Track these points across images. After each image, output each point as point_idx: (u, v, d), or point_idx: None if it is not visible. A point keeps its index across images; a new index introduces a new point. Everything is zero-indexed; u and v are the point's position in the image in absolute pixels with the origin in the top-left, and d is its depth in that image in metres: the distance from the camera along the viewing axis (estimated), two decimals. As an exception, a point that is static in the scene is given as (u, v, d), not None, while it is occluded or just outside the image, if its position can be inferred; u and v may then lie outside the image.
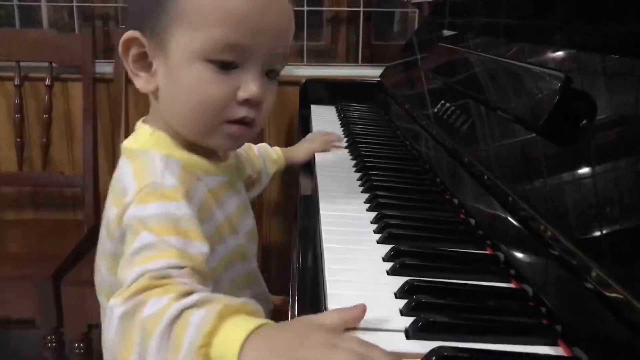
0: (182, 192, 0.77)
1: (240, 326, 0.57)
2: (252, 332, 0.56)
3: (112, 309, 0.63)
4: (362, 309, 0.64)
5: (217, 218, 0.88)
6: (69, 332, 1.80)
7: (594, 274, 0.64)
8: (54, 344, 1.81)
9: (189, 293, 0.62)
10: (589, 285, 0.65)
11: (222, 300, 0.60)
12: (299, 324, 0.60)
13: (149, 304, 0.61)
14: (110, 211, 0.80)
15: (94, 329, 1.79)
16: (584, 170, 0.76)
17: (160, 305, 0.60)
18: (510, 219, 0.86)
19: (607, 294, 0.61)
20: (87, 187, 2.14)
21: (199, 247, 0.72)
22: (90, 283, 1.79)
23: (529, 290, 0.76)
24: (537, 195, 0.83)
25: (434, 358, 0.59)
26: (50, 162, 2.23)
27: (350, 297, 0.73)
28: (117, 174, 0.84)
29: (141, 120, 0.91)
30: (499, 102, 1.04)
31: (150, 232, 0.70)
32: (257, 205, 2.23)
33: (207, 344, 0.56)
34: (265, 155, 1.29)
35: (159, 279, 0.64)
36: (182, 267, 0.67)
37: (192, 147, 0.86)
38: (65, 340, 1.83)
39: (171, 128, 0.85)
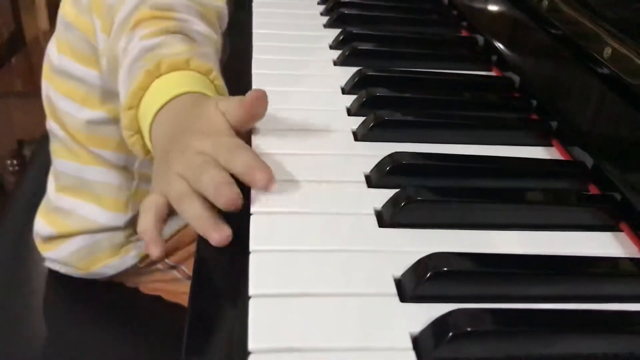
0: None
1: (163, 91, 0.50)
2: (166, 103, 0.49)
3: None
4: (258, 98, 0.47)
5: None
6: (-1, 149, 1.64)
7: (608, 50, 0.47)
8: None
9: (161, 33, 0.53)
10: (599, 68, 0.48)
11: (168, 53, 0.51)
12: (200, 118, 0.48)
13: (135, 37, 0.54)
14: None
15: (26, 144, 1.63)
16: None
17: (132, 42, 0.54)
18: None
19: (625, 77, 0.45)
20: (2, -15, 1.83)
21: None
22: (15, 95, 1.63)
23: (515, 79, 0.59)
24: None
25: (388, 167, 0.43)
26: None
27: (284, 93, 0.56)
28: None
29: None
30: None
31: None
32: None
33: (134, 105, 0.50)
34: None
35: (162, 10, 0.55)
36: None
37: None
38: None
39: None
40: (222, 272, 0.39)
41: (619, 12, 0.49)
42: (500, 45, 0.63)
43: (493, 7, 0.68)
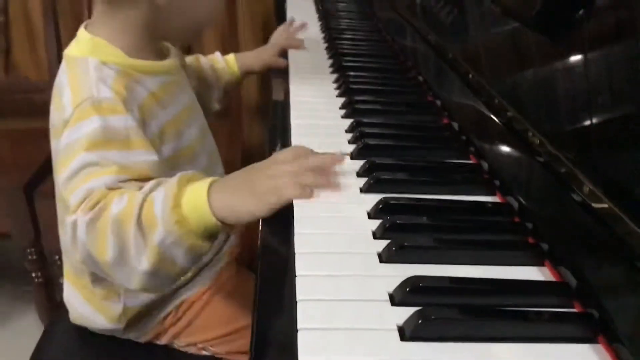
0: (119, 101, 0.77)
1: (201, 183, 0.69)
2: (212, 182, 0.68)
3: (76, 220, 0.69)
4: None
5: (160, 119, 0.86)
6: (47, 245, 1.76)
7: (586, 188, 0.58)
8: (34, 257, 1.78)
9: (143, 186, 0.70)
10: (579, 199, 0.59)
11: (176, 175, 0.70)
12: (254, 165, 0.71)
13: (113, 205, 0.68)
14: (54, 115, 0.81)
15: (42, 235, 1.75)
16: (579, 69, 0.67)
17: (124, 201, 0.68)
18: (496, 122, 0.78)
19: (596, 205, 0.56)
20: (55, 93, 2.02)
21: (143, 156, 0.75)
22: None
23: (514, 204, 0.70)
24: (526, 97, 0.75)
25: (408, 289, 0.54)
26: (13, 67, 2.09)
27: (319, 218, 0.67)
28: (57, 80, 0.83)
29: (83, 25, 0.86)
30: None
31: (89, 151, 0.72)
32: (235, 109, 2.13)
33: (177, 204, 0.66)
34: (212, 64, 1.20)
35: (113, 189, 0.70)
36: (124, 181, 0.72)
37: (133, 50, 0.84)
38: (45, 253, 1.80)
39: (119, 33, 0.83)
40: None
41: (593, 159, 0.60)
42: (500, 172, 0.75)
43: (493, 136, 0.80)
